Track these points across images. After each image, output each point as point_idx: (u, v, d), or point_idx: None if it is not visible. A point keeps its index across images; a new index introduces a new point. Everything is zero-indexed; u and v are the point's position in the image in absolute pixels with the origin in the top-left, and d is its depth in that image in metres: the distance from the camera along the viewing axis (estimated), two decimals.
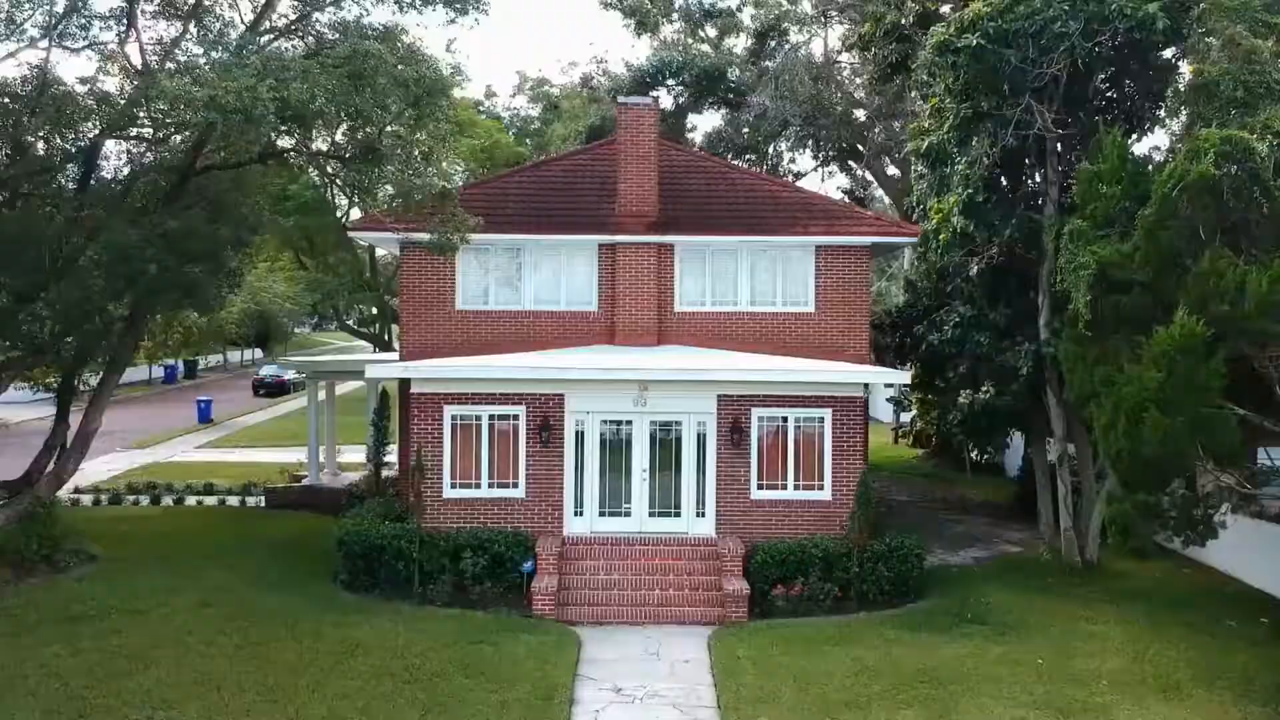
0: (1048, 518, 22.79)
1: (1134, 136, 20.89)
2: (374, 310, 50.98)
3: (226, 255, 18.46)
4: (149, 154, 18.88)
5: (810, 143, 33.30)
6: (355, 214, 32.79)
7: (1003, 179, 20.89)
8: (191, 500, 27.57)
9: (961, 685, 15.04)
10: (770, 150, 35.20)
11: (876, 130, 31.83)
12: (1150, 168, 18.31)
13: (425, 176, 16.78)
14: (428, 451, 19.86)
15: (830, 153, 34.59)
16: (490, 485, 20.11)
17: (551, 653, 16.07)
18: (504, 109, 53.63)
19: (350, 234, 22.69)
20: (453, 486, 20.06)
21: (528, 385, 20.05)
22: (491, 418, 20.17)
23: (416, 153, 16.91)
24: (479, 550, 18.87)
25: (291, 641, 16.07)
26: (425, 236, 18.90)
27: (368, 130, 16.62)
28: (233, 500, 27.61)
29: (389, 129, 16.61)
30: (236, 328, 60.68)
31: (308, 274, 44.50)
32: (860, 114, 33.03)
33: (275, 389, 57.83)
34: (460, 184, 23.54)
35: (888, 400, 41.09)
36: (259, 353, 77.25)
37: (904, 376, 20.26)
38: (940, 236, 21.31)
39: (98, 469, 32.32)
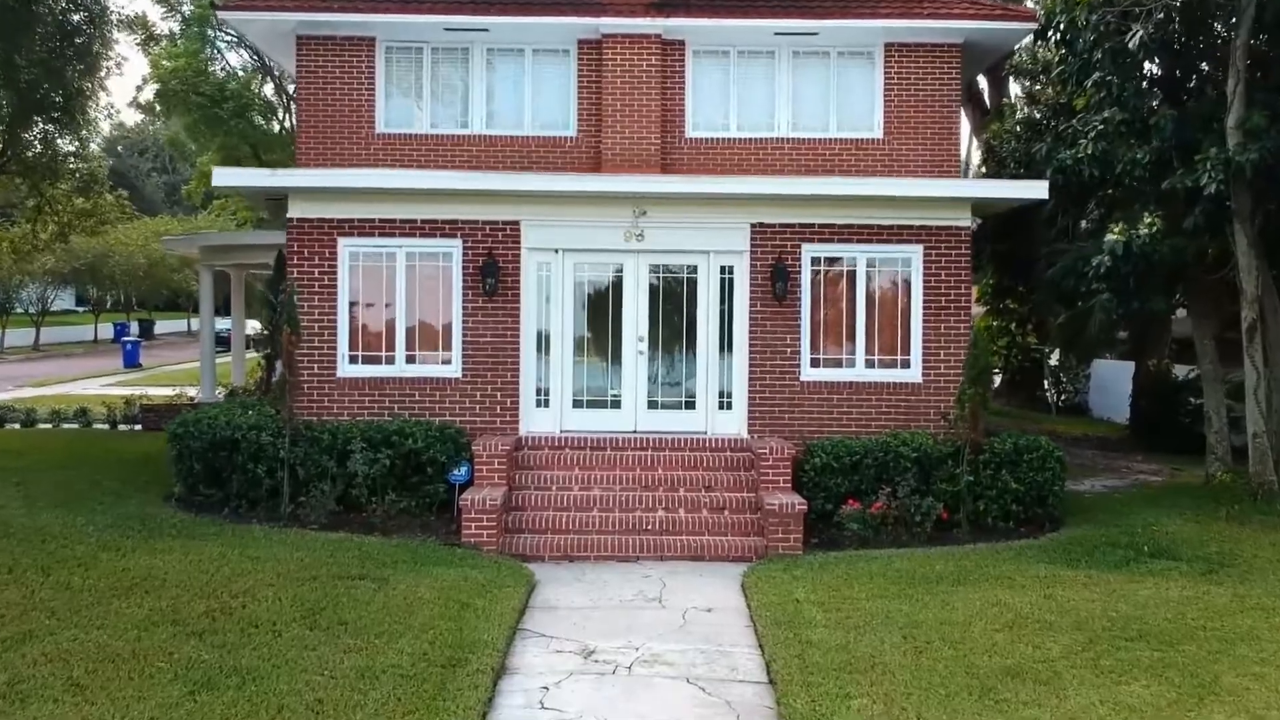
0: (1219, 425, 15.99)
1: None
2: None
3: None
4: None
5: None
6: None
7: None
8: (47, 426, 20.98)
9: (1199, 645, 8.48)
10: None
11: None
12: None
13: None
14: (311, 304, 13.16)
15: None
16: (409, 359, 13.41)
17: (478, 596, 9.41)
18: None
19: (221, 16, 15.96)
20: (352, 360, 13.36)
21: (466, 204, 13.33)
22: (411, 257, 13.45)
23: None
24: (379, 446, 12.14)
25: (35, 575, 9.46)
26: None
27: None
28: (104, 426, 21.02)
29: None
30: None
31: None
32: None
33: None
34: None
35: None
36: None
37: (1040, 188, 13.39)
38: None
39: None
